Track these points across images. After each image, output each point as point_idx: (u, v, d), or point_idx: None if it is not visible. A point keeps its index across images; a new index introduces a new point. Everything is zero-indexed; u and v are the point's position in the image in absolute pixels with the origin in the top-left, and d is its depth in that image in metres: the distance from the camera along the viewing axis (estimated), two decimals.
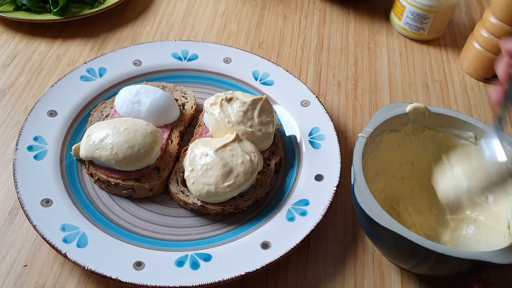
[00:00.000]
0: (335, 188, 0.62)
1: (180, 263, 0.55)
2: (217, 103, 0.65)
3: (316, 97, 0.72)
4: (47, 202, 0.58)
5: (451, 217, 0.61)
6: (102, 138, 0.61)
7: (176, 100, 0.71)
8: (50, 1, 0.84)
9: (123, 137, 0.60)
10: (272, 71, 0.76)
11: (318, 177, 0.64)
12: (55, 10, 0.83)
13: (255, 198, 0.62)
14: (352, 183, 0.54)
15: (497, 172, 0.54)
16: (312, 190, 0.62)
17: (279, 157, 0.66)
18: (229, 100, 0.65)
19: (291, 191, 0.63)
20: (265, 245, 0.57)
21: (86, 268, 0.53)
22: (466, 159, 0.59)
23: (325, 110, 0.71)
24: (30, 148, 0.63)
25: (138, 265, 0.54)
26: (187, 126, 0.71)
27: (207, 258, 0.55)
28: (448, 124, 0.62)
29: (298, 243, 0.57)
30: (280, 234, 0.58)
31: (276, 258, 0.55)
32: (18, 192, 0.58)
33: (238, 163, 0.60)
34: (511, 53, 0.52)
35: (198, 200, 0.60)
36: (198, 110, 0.73)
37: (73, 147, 0.64)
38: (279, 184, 0.65)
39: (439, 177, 0.59)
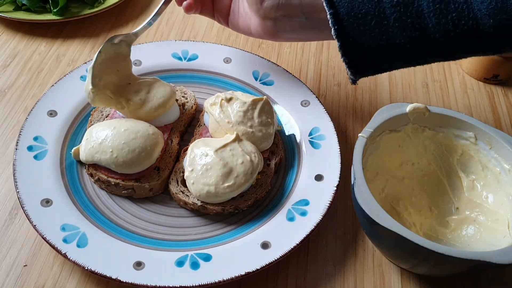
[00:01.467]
0: (335, 188, 0.62)
1: (180, 263, 0.55)
2: (217, 103, 0.65)
3: (316, 97, 0.72)
4: (47, 202, 0.58)
5: (451, 217, 0.61)
6: (101, 141, 0.60)
7: (176, 100, 0.71)
8: (50, 1, 0.84)
9: (124, 139, 0.60)
10: (272, 71, 0.76)
11: (318, 177, 0.64)
12: (55, 10, 0.83)
13: (255, 198, 0.62)
14: (352, 183, 0.54)
15: None
16: (312, 190, 0.62)
17: (279, 157, 0.66)
18: (229, 100, 0.65)
19: (291, 191, 0.63)
20: (265, 245, 0.57)
21: (86, 268, 0.53)
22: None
23: (325, 110, 0.71)
24: (30, 148, 0.63)
25: (138, 265, 0.54)
26: (187, 126, 0.71)
27: (207, 258, 0.55)
28: (448, 124, 0.62)
29: (298, 243, 0.57)
30: (280, 234, 0.58)
31: (276, 258, 0.55)
32: (18, 192, 0.58)
33: (238, 163, 0.60)
34: None
35: (198, 200, 0.60)
36: (198, 110, 0.73)
37: (72, 150, 0.64)
38: (279, 184, 0.65)
39: None
